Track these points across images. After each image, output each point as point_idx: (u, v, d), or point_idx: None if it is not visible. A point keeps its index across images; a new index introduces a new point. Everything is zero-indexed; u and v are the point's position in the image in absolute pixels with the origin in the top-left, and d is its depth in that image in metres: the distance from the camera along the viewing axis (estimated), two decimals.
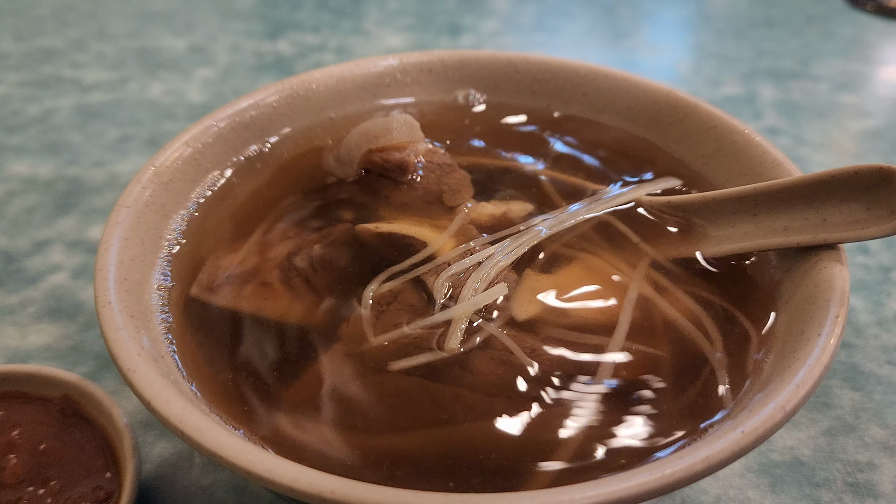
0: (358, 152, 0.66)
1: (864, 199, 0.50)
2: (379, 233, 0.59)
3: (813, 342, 0.44)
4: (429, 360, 0.50)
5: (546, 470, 0.44)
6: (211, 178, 0.66)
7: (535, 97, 0.77)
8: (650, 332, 0.52)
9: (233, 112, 0.68)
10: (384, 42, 1.37)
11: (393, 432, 0.46)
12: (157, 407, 0.41)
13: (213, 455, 0.38)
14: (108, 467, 0.52)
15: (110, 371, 0.69)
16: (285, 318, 0.54)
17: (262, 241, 0.61)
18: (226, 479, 0.59)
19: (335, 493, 0.36)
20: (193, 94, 1.18)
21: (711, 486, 0.59)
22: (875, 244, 0.85)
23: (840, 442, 0.62)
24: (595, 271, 0.57)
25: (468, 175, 0.67)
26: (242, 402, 0.48)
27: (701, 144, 0.67)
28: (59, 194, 0.93)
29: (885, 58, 1.36)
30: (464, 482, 0.43)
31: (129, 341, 0.45)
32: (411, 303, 0.53)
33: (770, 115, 1.13)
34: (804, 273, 0.51)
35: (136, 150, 1.03)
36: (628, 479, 0.36)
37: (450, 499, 0.36)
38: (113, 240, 0.53)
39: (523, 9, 1.52)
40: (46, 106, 1.14)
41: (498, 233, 0.59)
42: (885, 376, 0.69)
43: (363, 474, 0.43)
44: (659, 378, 0.49)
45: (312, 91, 0.74)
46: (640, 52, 1.38)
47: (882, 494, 0.59)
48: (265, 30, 1.41)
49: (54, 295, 0.78)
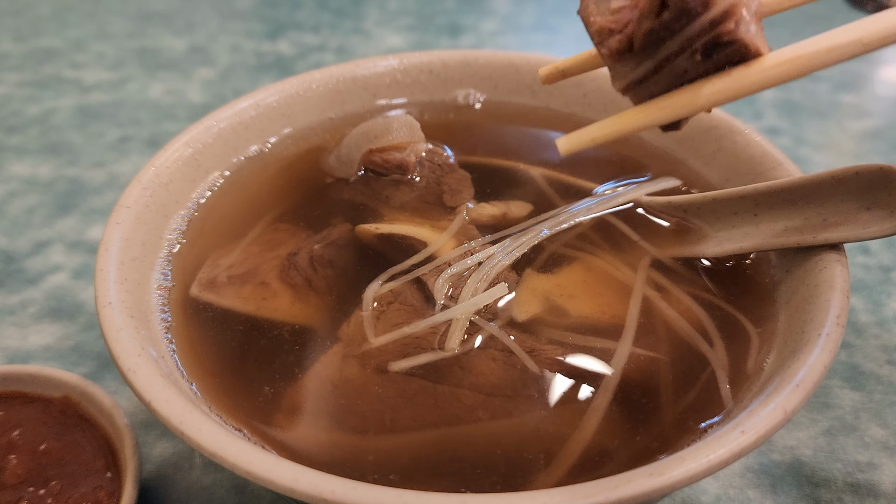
0: (358, 152, 0.66)
1: (865, 198, 0.50)
2: (379, 233, 0.60)
3: (813, 342, 0.44)
4: (429, 360, 0.50)
5: (546, 470, 0.44)
6: (211, 179, 0.66)
7: (535, 97, 0.77)
8: (651, 332, 0.52)
9: (233, 112, 0.68)
10: (384, 42, 1.37)
11: (393, 433, 0.46)
12: (158, 407, 0.41)
13: (214, 455, 0.38)
14: (108, 468, 0.52)
15: (111, 371, 0.69)
16: (285, 318, 0.54)
17: (263, 242, 0.61)
18: (226, 479, 0.59)
19: (335, 493, 0.36)
20: (193, 94, 1.18)
21: (712, 486, 0.59)
22: (875, 244, 0.85)
23: (840, 442, 0.62)
24: (595, 272, 0.57)
25: (468, 175, 0.67)
26: (243, 402, 0.48)
27: (701, 144, 0.67)
28: (59, 195, 0.93)
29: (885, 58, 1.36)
30: (464, 482, 0.43)
31: (129, 341, 0.45)
32: (412, 303, 0.53)
33: (770, 115, 1.13)
34: (804, 273, 0.51)
35: (137, 151, 1.03)
36: (628, 480, 0.36)
37: (450, 499, 0.36)
38: (113, 240, 0.53)
39: (523, 9, 1.52)
40: (47, 106, 1.14)
41: (498, 233, 0.60)
42: (886, 376, 0.69)
43: (364, 475, 0.43)
44: (659, 378, 0.49)
45: (312, 91, 0.74)
46: None
47: (882, 494, 0.59)
48: (265, 30, 1.41)
49: (55, 295, 0.78)
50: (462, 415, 0.47)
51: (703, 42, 0.38)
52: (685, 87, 0.40)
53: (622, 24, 0.39)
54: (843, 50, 0.40)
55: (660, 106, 0.41)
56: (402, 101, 0.78)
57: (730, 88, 0.40)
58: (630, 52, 0.39)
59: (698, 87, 0.40)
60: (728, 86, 0.39)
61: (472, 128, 0.76)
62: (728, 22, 0.37)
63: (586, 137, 0.43)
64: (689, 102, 0.40)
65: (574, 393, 0.48)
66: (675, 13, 0.37)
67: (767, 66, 0.39)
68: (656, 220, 0.61)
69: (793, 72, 0.39)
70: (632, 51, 0.39)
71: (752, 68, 0.39)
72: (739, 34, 0.38)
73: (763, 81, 0.39)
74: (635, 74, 0.41)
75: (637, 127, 0.42)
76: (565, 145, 0.43)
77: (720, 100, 0.40)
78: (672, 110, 0.41)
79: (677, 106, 0.40)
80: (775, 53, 0.40)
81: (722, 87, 0.39)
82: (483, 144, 0.75)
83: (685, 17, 0.37)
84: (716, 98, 0.40)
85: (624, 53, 0.40)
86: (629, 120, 0.42)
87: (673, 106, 0.40)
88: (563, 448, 0.45)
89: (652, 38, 0.39)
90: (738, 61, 0.39)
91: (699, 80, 0.40)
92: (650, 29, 0.38)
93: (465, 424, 0.46)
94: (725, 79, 0.39)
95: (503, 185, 0.67)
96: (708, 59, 0.39)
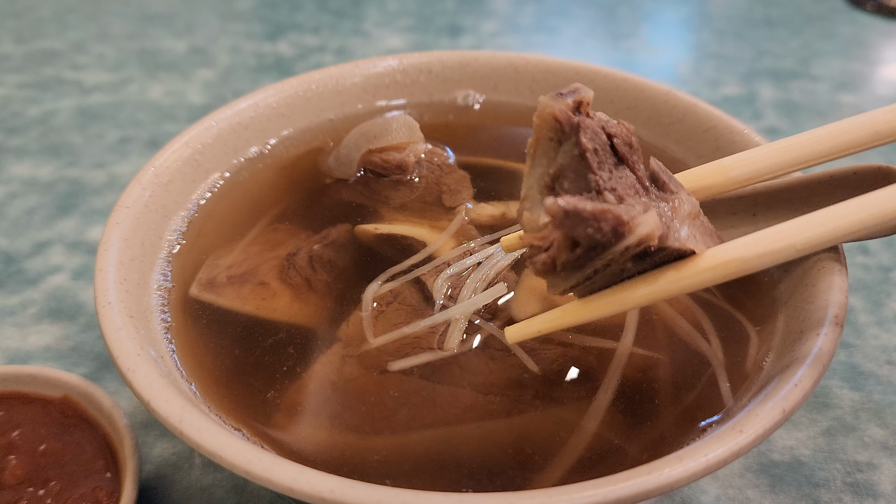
0: (357, 153, 0.66)
1: None
2: (378, 233, 0.60)
3: (812, 342, 0.44)
4: (428, 360, 0.50)
5: (545, 470, 0.44)
6: (211, 180, 0.66)
7: (534, 97, 0.76)
8: (650, 331, 0.52)
9: (232, 113, 0.68)
10: (384, 43, 1.37)
11: (392, 432, 0.46)
12: (157, 407, 0.41)
13: (213, 455, 0.38)
14: (108, 468, 0.53)
15: (110, 372, 0.69)
16: (285, 318, 0.54)
17: (262, 242, 0.61)
18: (226, 479, 0.59)
19: (334, 492, 0.36)
20: (193, 95, 1.18)
21: (711, 485, 0.59)
22: (875, 244, 0.85)
23: (839, 442, 0.62)
24: None
25: (468, 175, 0.67)
26: (242, 402, 0.48)
27: (700, 144, 0.67)
28: (59, 195, 0.94)
29: (885, 58, 1.36)
30: (463, 482, 0.43)
31: (128, 341, 0.45)
32: (411, 303, 0.53)
33: (770, 115, 1.13)
34: (803, 273, 0.51)
35: (137, 152, 1.03)
36: (628, 479, 0.36)
37: (449, 499, 0.36)
38: (113, 240, 0.53)
39: (523, 9, 1.53)
40: (47, 108, 1.14)
41: (497, 233, 0.60)
42: (885, 376, 0.69)
43: (362, 474, 0.43)
44: (658, 378, 0.49)
45: (312, 92, 0.74)
46: (639, 52, 1.38)
47: (881, 494, 0.59)
48: (265, 31, 1.42)
49: (55, 296, 0.78)
50: (461, 414, 0.47)
51: (628, 256, 0.39)
52: (627, 283, 0.42)
53: (548, 241, 0.39)
54: (777, 255, 0.41)
55: (602, 303, 0.42)
56: (401, 101, 0.78)
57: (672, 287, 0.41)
58: (555, 271, 0.40)
59: (637, 284, 0.41)
60: (672, 284, 0.41)
61: (471, 128, 0.76)
62: (649, 240, 0.38)
63: (532, 328, 0.46)
64: (630, 300, 0.42)
65: (573, 392, 0.48)
66: (587, 248, 0.38)
67: (704, 267, 0.41)
68: None
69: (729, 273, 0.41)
70: (556, 270, 0.40)
71: (688, 269, 0.41)
72: (668, 243, 0.39)
73: (700, 283, 0.41)
74: (567, 284, 0.42)
75: (581, 321, 0.44)
76: (513, 336, 0.46)
77: (667, 295, 0.42)
78: (614, 307, 0.42)
79: (618, 303, 0.42)
80: (711, 252, 0.41)
81: (666, 283, 0.41)
82: (482, 145, 0.75)
83: (599, 248, 0.38)
84: (662, 293, 0.41)
85: (550, 272, 0.40)
86: (573, 314, 0.44)
87: (614, 303, 0.42)
88: (563, 447, 0.45)
89: (572, 264, 0.39)
90: (677, 258, 0.41)
91: (640, 275, 0.41)
92: (566, 260, 0.39)
93: (464, 424, 0.46)
94: (666, 275, 0.41)
95: (502, 186, 0.67)
96: (642, 261, 0.40)
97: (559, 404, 0.47)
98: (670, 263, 0.41)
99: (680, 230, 0.41)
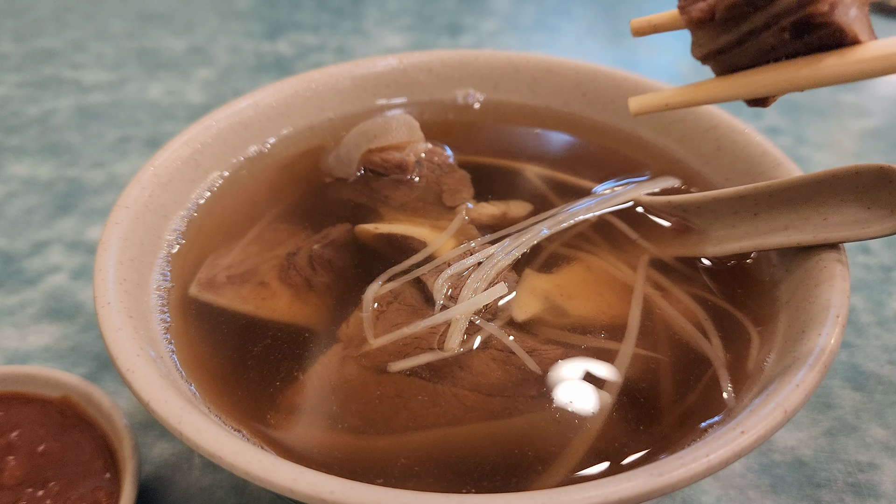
0: (357, 152, 0.66)
1: (865, 198, 0.49)
2: (378, 233, 0.59)
3: (813, 342, 0.44)
4: (429, 360, 0.49)
5: (546, 470, 0.44)
6: (210, 179, 0.66)
7: (534, 97, 0.77)
8: (651, 332, 0.52)
9: (232, 112, 0.68)
10: (384, 42, 1.36)
11: (393, 433, 0.46)
12: (156, 407, 0.41)
13: (213, 456, 0.38)
14: (107, 468, 0.52)
15: (110, 372, 0.68)
16: (285, 318, 0.54)
17: (262, 242, 0.61)
18: (225, 479, 0.59)
19: (334, 493, 0.36)
20: (193, 94, 1.18)
21: (712, 486, 0.59)
22: (876, 243, 0.85)
23: (841, 442, 0.62)
24: (595, 271, 0.57)
25: (468, 175, 0.67)
26: (242, 403, 0.48)
27: (701, 144, 0.67)
28: (58, 195, 0.93)
29: None
30: (463, 482, 0.43)
31: (127, 342, 0.45)
32: (411, 303, 0.53)
33: (771, 114, 1.12)
34: (805, 272, 0.51)
35: (136, 151, 1.03)
36: (629, 480, 0.36)
37: (449, 499, 0.36)
38: (112, 240, 0.53)
39: (523, 9, 1.52)
40: (46, 107, 1.13)
41: (497, 233, 0.59)
42: (886, 376, 0.68)
43: (362, 475, 0.43)
44: (659, 378, 0.49)
45: (312, 91, 0.74)
46: (640, 51, 1.37)
47: (883, 495, 0.58)
48: (265, 30, 1.41)
49: (54, 296, 0.77)
50: (462, 415, 0.47)
51: (791, 21, 0.36)
52: (772, 65, 0.38)
53: None
54: None
55: (744, 81, 0.39)
56: (401, 100, 0.78)
57: (822, 74, 0.37)
58: (712, 22, 0.38)
59: (786, 67, 0.37)
60: (821, 71, 0.37)
61: (471, 127, 0.76)
62: (821, 3, 0.35)
63: (660, 101, 0.41)
64: (775, 81, 0.38)
65: (574, 393, 0.48)
66: None
67: (867, 57, 0.36)
68: (656, 220, 0.61)
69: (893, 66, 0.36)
70: (713, 21, 0.37)
71: (848, 57, 0.36)
72: (834, 17, 0.35)
73: (859, 72, 0.37)
74: (716, 45, 0.39)
75: (717, 98, 0.40)
76: (636, 106, 0.41)
77: (811, 84, 0.37)
78: (755, 87, 0.39)
79: (761, 83, 0.38)
80: (878, 43, 0.37)
81: (813, 71, 0.37)
82: (483, 144, 0.74)
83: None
84: (806, 82, 0.37)
85: (705, 22, 0.38)
86: (709, 90, 0.40)
87: (757, 82, 0.38)
88: (563, 448, 0.45)
89: (735, 11, 0.37)
90: (834, 45, 0.37)
91: (788, 59, 0.37)
92: (733, 3, 0.36)
93: (464, 424, 0.46)
94: (818, 63, 0.37)
95: (503, 185, 0.67)
96: (798, 38, 0.37)
97: (560, 405, 0.47)
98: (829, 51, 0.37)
99: (849, 9, 0.37)
